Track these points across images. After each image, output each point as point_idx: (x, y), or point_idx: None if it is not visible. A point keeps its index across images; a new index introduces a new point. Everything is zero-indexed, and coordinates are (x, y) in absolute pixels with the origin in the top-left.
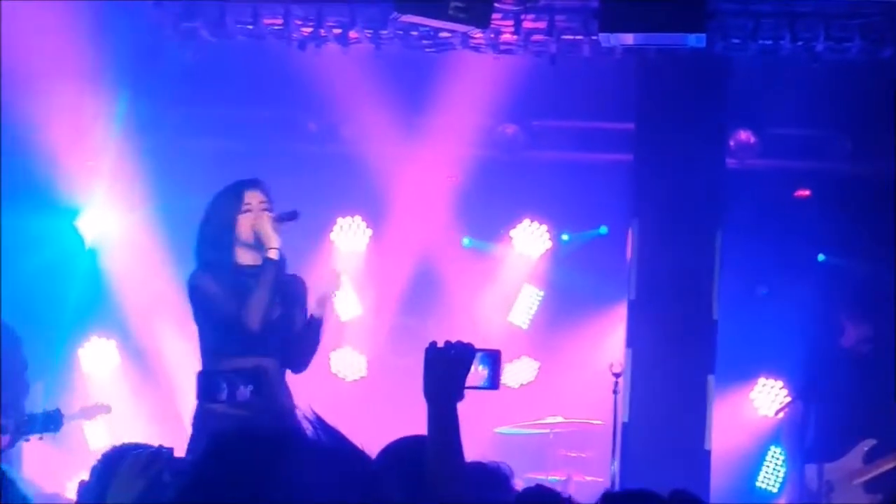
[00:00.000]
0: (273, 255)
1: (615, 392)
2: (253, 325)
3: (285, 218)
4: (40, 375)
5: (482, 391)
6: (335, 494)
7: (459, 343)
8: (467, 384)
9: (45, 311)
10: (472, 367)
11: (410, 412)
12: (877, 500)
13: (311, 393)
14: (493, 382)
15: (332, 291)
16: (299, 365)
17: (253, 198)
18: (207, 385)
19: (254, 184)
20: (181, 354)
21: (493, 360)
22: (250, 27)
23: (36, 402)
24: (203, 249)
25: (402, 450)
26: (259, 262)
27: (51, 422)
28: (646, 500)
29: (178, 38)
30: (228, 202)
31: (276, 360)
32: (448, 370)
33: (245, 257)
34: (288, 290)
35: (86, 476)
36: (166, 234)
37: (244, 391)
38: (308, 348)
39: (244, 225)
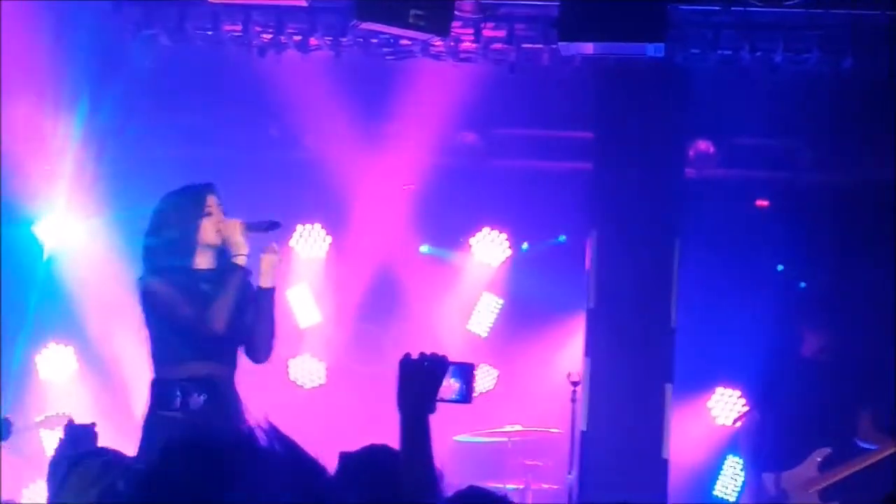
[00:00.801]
0: (241, 261)
1: (573, 400)
2: (218, 327)
3: (264, 228)
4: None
5: (453, 404)
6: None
7: (434, 355)
8: (439, 397)
9: (2, 317)
10: (445, 380)
11: (370, 419)
12: None
13: (269, 400)
14: (466, 396)
15: (275, 259)
16: (262, 350)
17: (212, 201)
18: (161, 393)
19: (211, 187)
20: (139, 361)
21: (466, 373)
22: (210, 33)
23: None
24: (158, 254)
25: (366, 459)
26: (213, 265)
27: None
28: None
29: (137, 44)
30: (190, 206)
31: (229, 368)
32: (421, 382)
33: (202, 261)
34: (247, 294)
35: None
36: (125, 240)
37: (197, 399)
38: (265, 327)
39: (207, 229)
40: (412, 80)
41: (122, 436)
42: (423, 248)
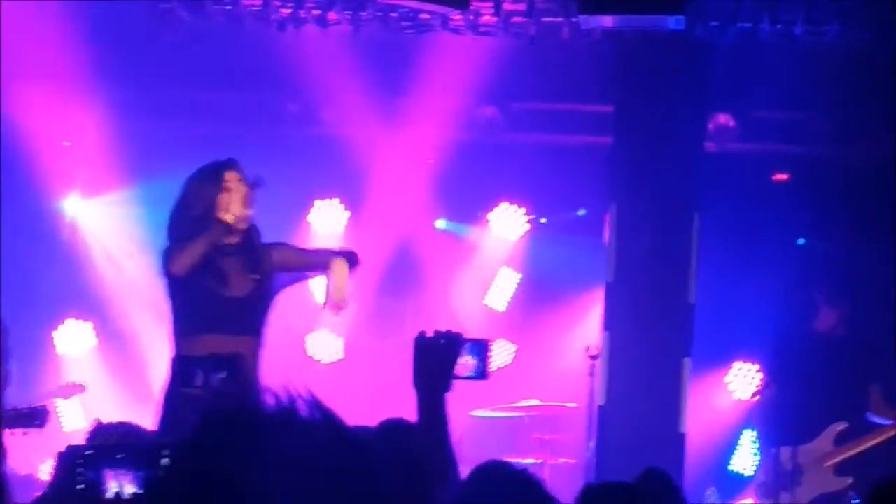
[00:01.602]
0: (229, 219)
1: (591, 375)
2: (176, 270)
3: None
4: (15, 358)
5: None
6: (331, 475)
7: (448, 332)
8: (455, 374)
9: (20, 293)
10: (460, 358)
11: (388, 394)
12: (847, 483)
13: (287, 376)
14: (482, 373)
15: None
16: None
17: (230, 176)
18: (183, 370)
19: (231, 164)
20: (157, 336)
21: (482, 349)
22: (228, 8)
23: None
24: (182, 230)
25: (392, 432)
26: (239, 240)
27: (36, 418)
28: (622, 491)
29: (156, 20)
30: (209, 183)
31: (253, 341)
32: (437, 360)
33: (228, 237)
34: (262, 263)
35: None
36: (144, 216)
37: (219, 377)
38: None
39: (223, 205)
40: (431, 54)
41: (139, 410)
42: (440, 223)
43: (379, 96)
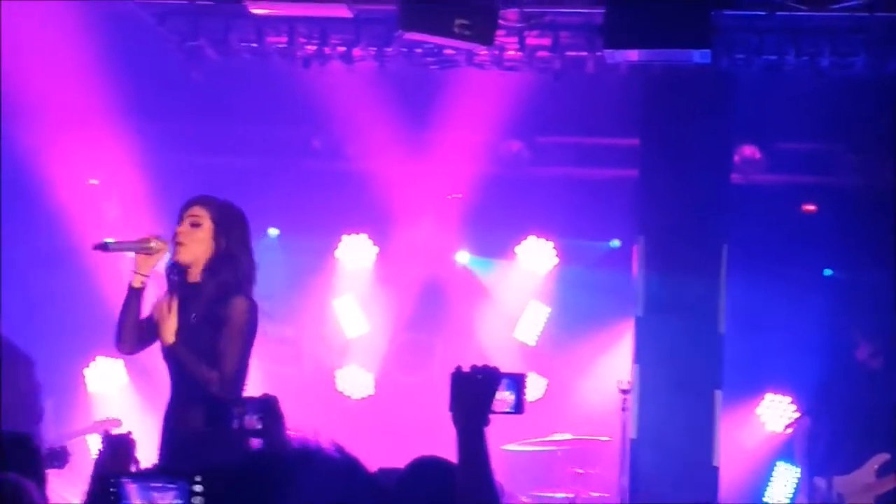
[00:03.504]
0: (135, 281)
1: (624, 409)
2: (123, 349)
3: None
4: (48, 395)
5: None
6: None
7: (485, 367)
8: (493, 409)
9: (50, 330)
10: (497, 392)
11: (420, 429)
12: None
13: (318, 412)
14: (519, 407)
15: (143, 251)
16: (118, 341)
17: (185, 214)
18: (219, 413)
19: (193, 201)
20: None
21: (518, 383)
22: (255, 45)
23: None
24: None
25: (424, 470)
26: (198, 279)
27: (55, 459)
28: None
29: (183, 57)
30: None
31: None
32: (474, 396)
33: (190, 275)
34: (214, 312)
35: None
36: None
37: (252, 419)
38: (122, 319)
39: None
40: (457, 89)
41: None
42: (466, 257)
43: (405, 131)
